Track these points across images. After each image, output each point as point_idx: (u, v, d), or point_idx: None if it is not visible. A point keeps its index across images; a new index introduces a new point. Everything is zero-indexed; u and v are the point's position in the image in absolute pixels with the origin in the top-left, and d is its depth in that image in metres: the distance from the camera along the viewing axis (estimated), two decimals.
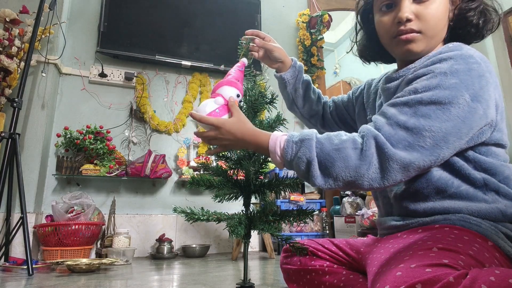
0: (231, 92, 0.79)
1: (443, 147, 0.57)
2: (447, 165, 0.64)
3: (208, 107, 0.77)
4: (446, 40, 0.74)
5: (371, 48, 0.87)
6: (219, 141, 0.75)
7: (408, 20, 0.68)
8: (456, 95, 0.57)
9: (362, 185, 0.58)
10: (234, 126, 0.73)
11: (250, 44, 0.93)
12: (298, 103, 1.03)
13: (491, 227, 0.58)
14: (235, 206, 1.06)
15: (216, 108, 0.77)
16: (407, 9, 0.68)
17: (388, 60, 0.87)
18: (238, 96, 0.80)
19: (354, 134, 0.61)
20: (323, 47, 3.53)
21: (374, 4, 0.78)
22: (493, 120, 0.62)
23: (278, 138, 0.68)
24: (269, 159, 1.00)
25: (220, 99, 0.79)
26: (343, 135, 0.62)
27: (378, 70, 1.51)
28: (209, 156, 2.64)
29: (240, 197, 0.97)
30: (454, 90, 0.58)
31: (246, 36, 0.95)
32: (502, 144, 0.66)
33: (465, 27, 0.72)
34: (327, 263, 0.84)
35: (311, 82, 1.04)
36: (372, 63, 0.93)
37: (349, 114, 1.01)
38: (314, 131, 0.65)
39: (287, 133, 0.68)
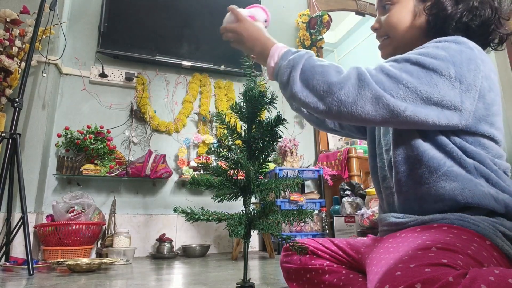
0: (261, 14, 0.92)
1: (409, 103, 0.59)
2: (439, 146, 0.65)
3: (242, 10, 0.90)
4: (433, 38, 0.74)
5: None
6: (235, 35, 0.85)
7: (376, 29, 0.83)
8: (442, 66, 0.60)
9: (331, 104, 0.62)
10: (252, 26, 0.83)
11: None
12: None
13: (489, 226, 0.58)
14: (235, 206, 1.07)
15: (248, 15, 0.90)
16: (376, 20, 0.83)
17: None
18: (265, 21, 0.92)
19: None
20: (323, 47, 3.54)
21: None
22: (465, 108, 0.61)
23: (281, 47, 0.76)
24: (270, 158, 1.01)
25: (253, 10, 0.91)
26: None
27: None
28: (209, 156, 2.65)
29: (240, 197, 0.98)
30: (441, 61, 0.60)
31: None
32: (492, 137, 0.66)
33: (445, 20, 0.71)
34: (327, 262, 0.85)
35: None
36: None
37: None
38: (312, 52, 0.72)
39: (287, 46, 0.76)
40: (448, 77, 0.60)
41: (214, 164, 1.01)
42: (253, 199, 1.00)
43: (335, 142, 3.40)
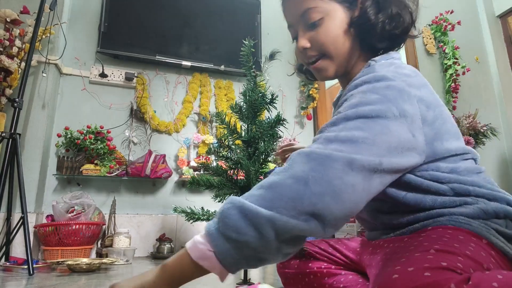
0: None
1: (379, 157, 0.52)
2: (415, 188, 0.61)
3: None
4: (367, 50, 0.72)
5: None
6: None
7: (305, 49, 0.71)
8: (383, 108, 0.54)
9: (309, 210, 0.47)
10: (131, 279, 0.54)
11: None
12: None
13: (481, 224, 0.57)
14: None
15: None
16: (302, 38, 0.71)
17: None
18: None
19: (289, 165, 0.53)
20: None
21: None
22: (419, 141, 0.57)
23: (195, 247, 0.51)
24: (270, 158, 1.00)
25: None
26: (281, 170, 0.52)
27: None
28: (209, 156, 2.65)
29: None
30: (379, 104, 0.55)
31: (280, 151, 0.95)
32: (450, 154, 0.62)
33: (369, 32, 0.68)
34: (325, 264, 0.84)
35: None
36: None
37: None
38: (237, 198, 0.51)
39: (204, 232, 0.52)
40: (393, 117, 0.54)
41: (214, 164, 1.01)
42: None
43: None
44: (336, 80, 0.78)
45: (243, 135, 0.98)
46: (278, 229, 0.47)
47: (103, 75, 2.69)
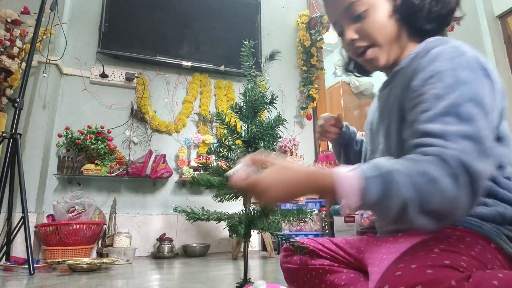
0: None
1: (492, 146, 0.54)
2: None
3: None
4: (415, 35, 0.73)
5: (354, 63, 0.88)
6: (266, 198, 0.59)
7: (353, 40, 0.72)
8: (479, 87, 0.55)
9: (456, 215, 0.50)
10: (275, 176, 0.57)
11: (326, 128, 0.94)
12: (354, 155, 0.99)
13: (493, 228, 0.57)
14: (235, 206, 1.07)
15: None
16: (349, 31, 0.72)
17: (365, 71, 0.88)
18: None
19: (427, 157, 0.52)
20: (322, 48, 3.54)
21: None
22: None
23: (347, 177, 0.53)
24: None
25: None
26: (417, 159, 0.52)
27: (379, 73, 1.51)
28: (209, 156, 2.65)
29: (240, 197, 0.98)
30: (475, 82, 0.55)
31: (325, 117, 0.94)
32: (506, 156, 0.62)
33: (415, 14, 0.70)
34: (328, 262, 0.84)
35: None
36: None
37: None
38: (382, 160, 0.54)
39: (353, 167, 0.54)
40: (492, 93, 0.56)
41: (214, 164, 1.02)
42: (253, 199, 1.00)
43: None
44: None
45: (243, 135, 0.98)
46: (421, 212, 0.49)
47: (103, 75, 2.70)
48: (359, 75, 0.89)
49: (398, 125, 0.65)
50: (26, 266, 1.68)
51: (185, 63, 2.91)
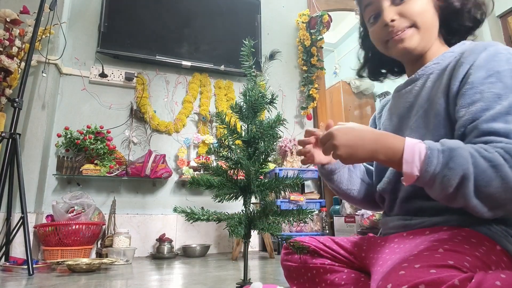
0: None
1: None
2: None
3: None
4: (444, 36, 0.77)
5: (379, 63, 0.89)
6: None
7: (393, 21, 0.72)
8: None
9: (510, 206, 0.51)
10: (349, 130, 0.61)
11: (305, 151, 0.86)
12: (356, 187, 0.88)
13: (501, 230, 0.57)
14: (235, 206, 1.06)
15: None
16: (388, 12, 0.73)
17: (396, 71, 0.90)
18: None
19: (492, 148, 0.53)
20: (323, 47, 3.54)
21: (366, 23, 0.82)
22: None
23: (416, 145, 0.55)
24: (270, 158, 1.00)
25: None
26: (482, 147, 0.54)
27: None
28: (209, 156, 2.65)
29: (240, 197, 0.98)
30: None
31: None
32: None
33: (456, 13, 0.73)
34: (328, 261, 0.84)
35: None
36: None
37: None
38: (448, 140, 0.56)
39: (422, 141, 0.56)
40: None
41: (214, 164, 1.01)
42: (253, 199, 1.00)
43: None
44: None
45: (243, 135, 0.97)
46: (476, 194, 0.51)
47: (103, 75, 2.69)
48: (372, 78, 0.90)
49: (445, 112, 0.65)
50: (25, 267, 1.68)
51: (185, 62, 2.90)
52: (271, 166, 2.68)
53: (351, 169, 0.86)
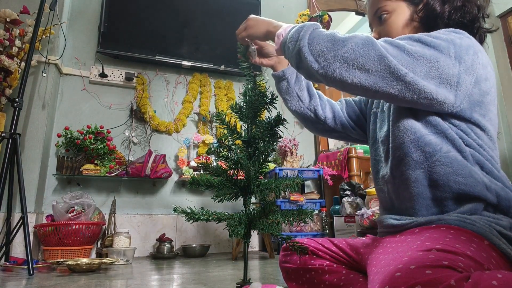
0: None
1: (410, 71, 0.60)
2: (439, 130, 0.66)
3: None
4: None
5: None
6: (246, 25, 0.89)
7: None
8: (443, 45, 0.62)
9: (333, 60, 0.62)
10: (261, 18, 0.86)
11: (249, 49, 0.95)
12: (304, 97, 0.97)
13: (485, 225, 0.58)
14: (235, 206, 1.06)
15: None
16: (374, 32, 0.84)
17: None
18: None
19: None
20: None
21: None
22: (461, 88, 0.62)
23: (284, 27, 0.77)
24: (270, 158, 1.01)
25: None
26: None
27: None
28: (209, 156, 2.65)
29: (240, 197, 0.98)
30: (442, 41, 0.62)
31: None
32: (484, 129, 0.67)
33: (436, 19, 0.75)
34: (327, 262, 0.84)
35: None
36: None
37: (362, 114, 0.95)
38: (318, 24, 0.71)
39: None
40: (448, 55, 0.61)
41: (214, 164, 1.01)
42: (253, 199, 1.00)
43: (335, 142, 3.40)
44: None
45: (243, 135, 0.97)
46: (309, 47, 0.66)
47: (103, 75, 2.69)
48: None
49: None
50: (26, 267, 1.68)
51: (185, 62, 2.90)
52: (271, 166, 2.68)
53: (295, 83, 0.98)
